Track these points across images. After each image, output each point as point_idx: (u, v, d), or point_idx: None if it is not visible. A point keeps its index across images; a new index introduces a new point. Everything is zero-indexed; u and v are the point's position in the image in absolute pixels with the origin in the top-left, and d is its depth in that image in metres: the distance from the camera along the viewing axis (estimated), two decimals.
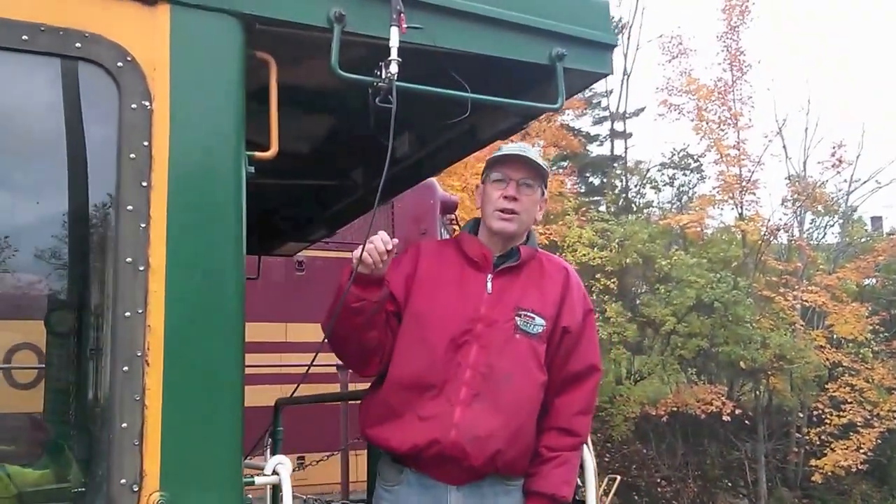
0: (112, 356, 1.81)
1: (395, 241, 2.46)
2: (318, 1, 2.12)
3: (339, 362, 6.64)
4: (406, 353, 2.64)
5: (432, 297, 2.67)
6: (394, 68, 2.11)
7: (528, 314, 2.68)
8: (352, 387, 6.19)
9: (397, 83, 2.13)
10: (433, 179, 8.25)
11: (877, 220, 26.02)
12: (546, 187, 2.85)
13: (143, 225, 1.85)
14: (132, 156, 1.87)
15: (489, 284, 2.71)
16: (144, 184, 1.87)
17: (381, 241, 2.43)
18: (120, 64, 1.89)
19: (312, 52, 2.21)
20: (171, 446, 1.81)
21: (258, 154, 2.08)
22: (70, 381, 2.64)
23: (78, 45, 1.87)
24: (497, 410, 2.57)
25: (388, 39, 2.13)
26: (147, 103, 1.90)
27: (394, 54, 2.12)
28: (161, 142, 1.90)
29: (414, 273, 2.73)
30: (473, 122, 2.90)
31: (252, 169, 2.05)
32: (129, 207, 1.85)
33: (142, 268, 1.84)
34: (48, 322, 2.59)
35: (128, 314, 1.82)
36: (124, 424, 1.78)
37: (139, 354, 1.81)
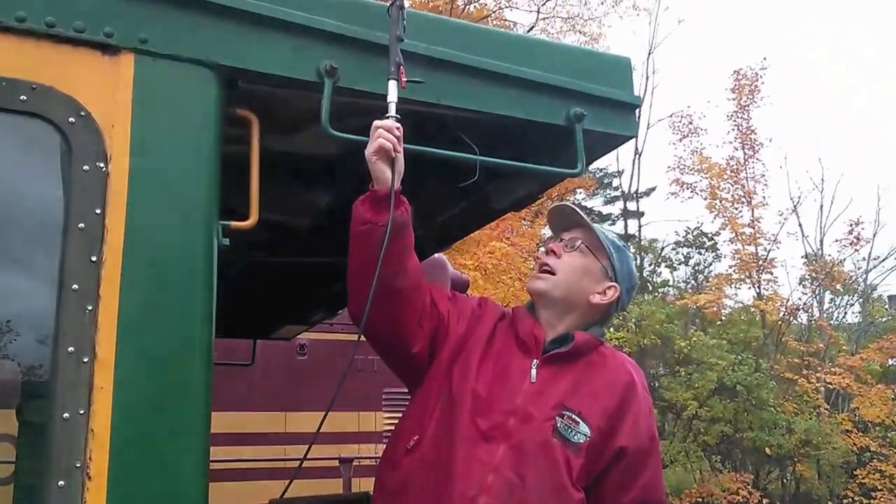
0: (46, 467, 1.48)
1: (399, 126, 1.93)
2: (307, 53, 1.87)
3: (342, 455, 6.13)
4: (429, 420, 2.18)
5: (471, 371, 2.21)
6: None
7: (573, 417, 2.16)
8: (355, 483, 5.74)
9: None
10: (444, 257, 7.94)
11: (893, 299, 25.53)
12: (611, 264, 2.34)
13: (89, 308, 1.55)
14: (81, 225, 1.58)
15: (533, 371, 2.22)
16: (94, 258, 1.58)
17: (389, 122, 1.92)
18: (72, 120, 1.63)
19: (305, 115, 1.96)
20: None
21: (234, 224, 1.79)
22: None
23: (24, 97, 1.61)
24: None
25: (386, 95, 1.88)
26: (102, 165, 1.63)
27: (392, 110, 1.87)
28: (117, 210, 1.61)
29: (469, 322, 2.30)
30: (485, 191, 2.63)
31: (227, 241, 1.76)
32: (75, 287, 1.55)
33: (86, 359, 1.52)
34: None
35: (66, 416, 1.49)
36: None
37: (78, 466, 1.48)
